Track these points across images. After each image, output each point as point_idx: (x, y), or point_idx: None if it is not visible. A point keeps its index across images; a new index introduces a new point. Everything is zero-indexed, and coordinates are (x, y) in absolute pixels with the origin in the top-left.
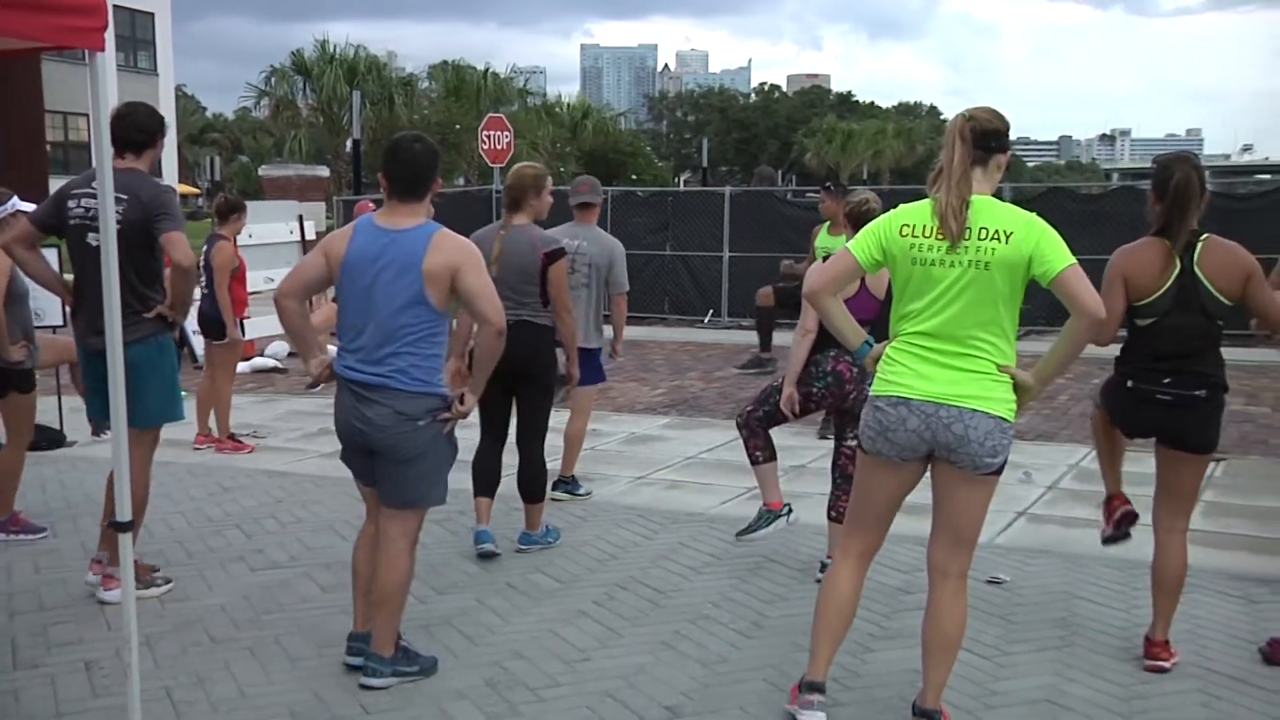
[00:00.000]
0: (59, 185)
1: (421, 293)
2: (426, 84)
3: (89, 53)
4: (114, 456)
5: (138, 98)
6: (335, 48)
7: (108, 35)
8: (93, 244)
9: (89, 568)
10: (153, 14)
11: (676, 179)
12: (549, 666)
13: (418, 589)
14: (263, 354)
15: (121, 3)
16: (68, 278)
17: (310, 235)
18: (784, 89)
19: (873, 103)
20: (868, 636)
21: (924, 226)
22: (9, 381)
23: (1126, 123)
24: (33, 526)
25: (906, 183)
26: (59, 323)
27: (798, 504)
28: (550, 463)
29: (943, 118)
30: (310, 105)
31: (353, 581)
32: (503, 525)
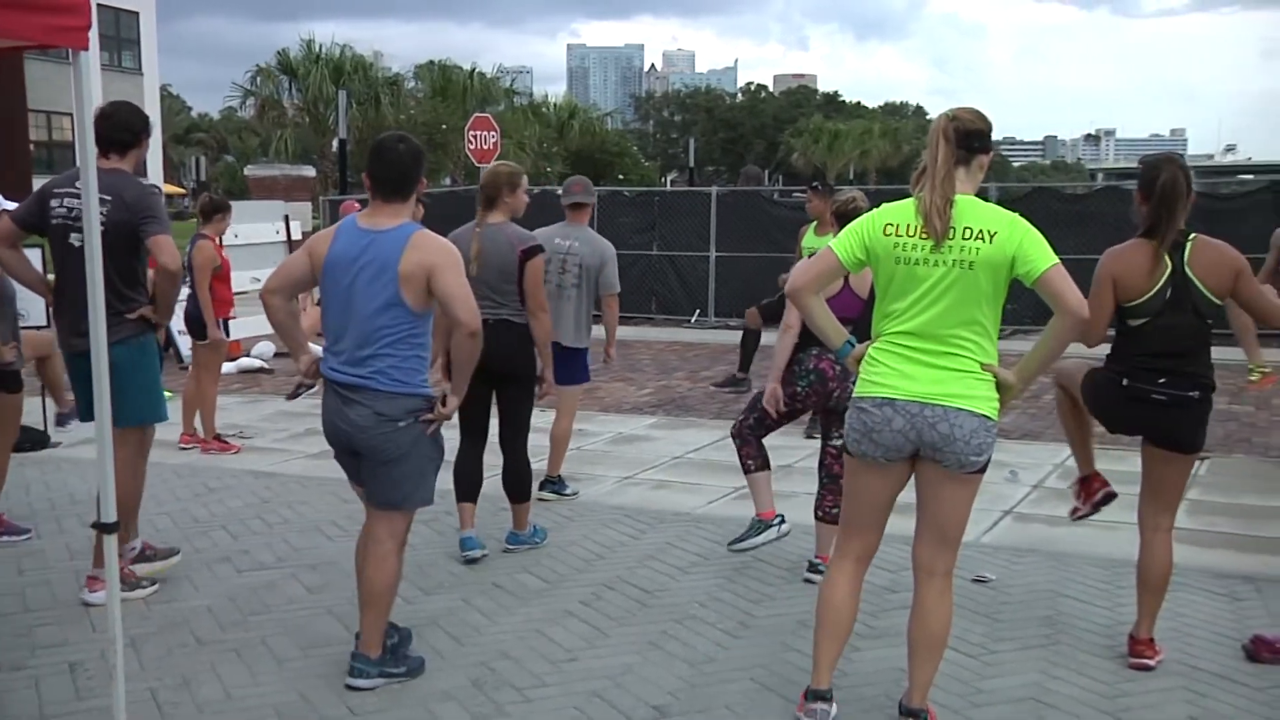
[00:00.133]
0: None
1: (398, 294)
2: (413, 84)
3: (73, 52)
4: (98, 458)
5: (122, 97)
6: (321, 47)
7: (92, 34)
8: (75, 244)
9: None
10: (137, 13)
11: (663, 179)
12: (536, 667)
13: (404, 589)
14: (249, 354)
15: (106, 1)
16: (50, 278)
17: (296, 235)
18: (770, 89)
19: (859, 102)
20: (854, 636)
21: (908, 226)
22: None
23: (1111, 123)
24: (16, 528)
25: (892, 182)
26: (43, 323)
27: (784, 504)
28: (536, 463)
29: (929, 118)
30: (296, 105)
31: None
32: (490, 525)
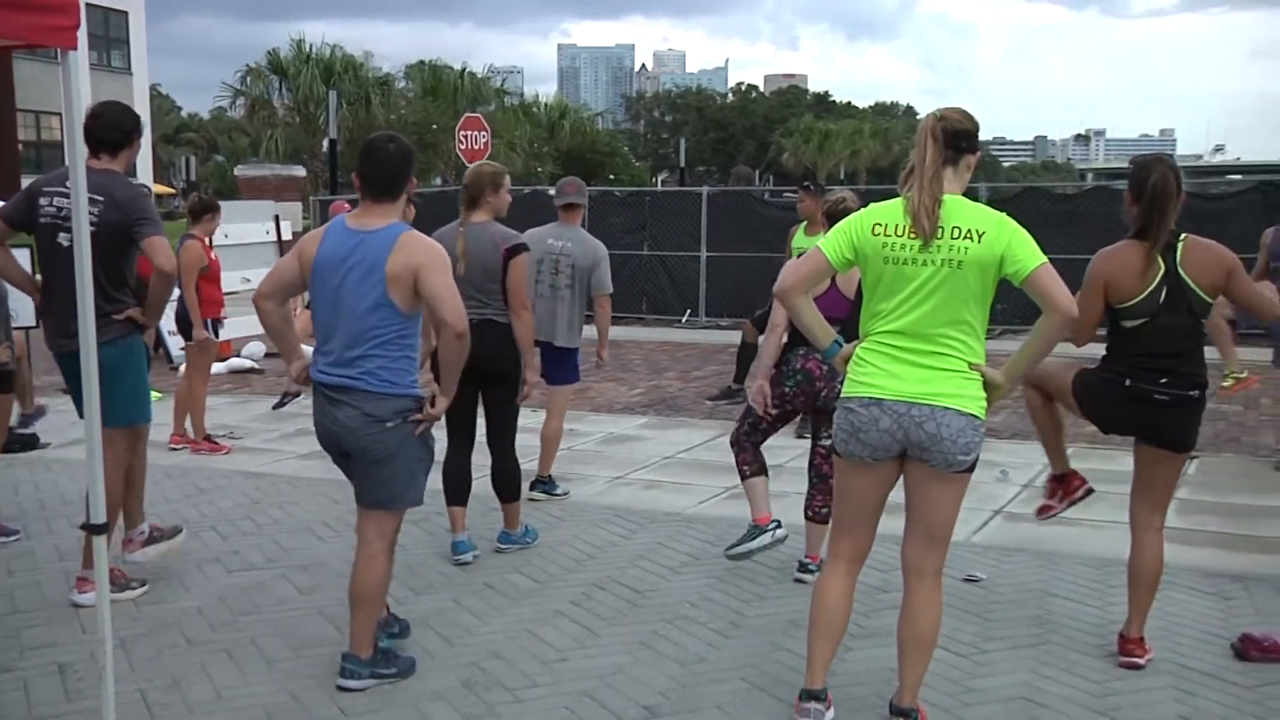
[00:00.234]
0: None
1: (386, 294)
2: (403, 84)
3: (62, 51)
4: (87, 459)
5: (111, 97)
6: (311, 47)
7: (80, 34)
8: (63, 244)
9: (123, 544)
10: (126, 12)
11: (654, 179)
12: (527, 667)
13: (394, 589)
14: (239, 355)
15: (94, 1)
16: (39, 278)
17: (287, 235)
18: (761, 89)
19: (849, 103)
20: (845, 635)
21: (896, 225)
22: None
23: (1101, 123)
24: (6, 529)
25: (883, 182)
26: (32, 324)
27: (775, 503)
28: (527, 463)
29: (919, 118)
30: (286, 105)
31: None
32: (480, 525)
